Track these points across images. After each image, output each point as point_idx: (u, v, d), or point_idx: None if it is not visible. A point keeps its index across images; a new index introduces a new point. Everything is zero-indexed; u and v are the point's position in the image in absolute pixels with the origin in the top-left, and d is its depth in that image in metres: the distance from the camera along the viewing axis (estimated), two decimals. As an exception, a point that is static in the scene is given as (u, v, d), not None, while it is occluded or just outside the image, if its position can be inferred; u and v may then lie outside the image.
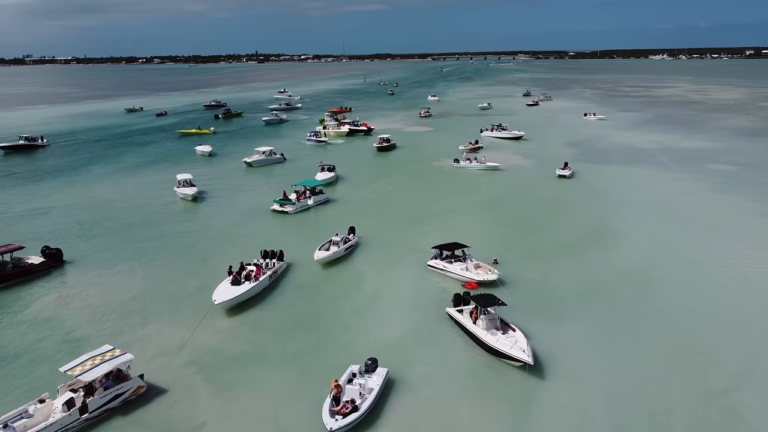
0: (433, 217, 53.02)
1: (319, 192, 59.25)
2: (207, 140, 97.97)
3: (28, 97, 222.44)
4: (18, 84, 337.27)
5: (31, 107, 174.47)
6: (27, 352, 29.96)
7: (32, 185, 67.62)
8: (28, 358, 29.40)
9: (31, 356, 29.53)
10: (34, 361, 28.97)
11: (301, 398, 25.60)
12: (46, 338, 31.50)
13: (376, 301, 35.86)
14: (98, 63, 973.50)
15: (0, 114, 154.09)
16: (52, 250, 42.19)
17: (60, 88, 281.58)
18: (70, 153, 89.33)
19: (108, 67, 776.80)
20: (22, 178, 71.82)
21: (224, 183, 68.50)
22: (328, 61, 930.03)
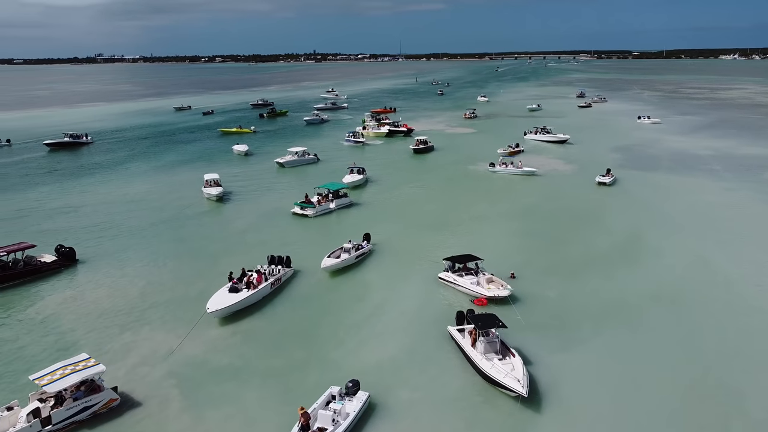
0: (457, 225, 50.70)
1: (342, 195, 57.84)
2: (246, 139, 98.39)
3: (90, 94, 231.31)
4: (84, 82, 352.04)
5: (90, 104, 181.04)
6: (14, 354, 29.74)
7: (69, 182, 69.12)
8: (13, 360, 29.12)
9: (17, 358, 29.25)
10: (18, 364, 28.63)
11: (274, 420, 24.10)
12: (38, 340, 31.26)
13: (377, 314, 34.06)
14: (163, 62, 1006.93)
15: (59, 110, 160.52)
16: (66, 249, 42.37)
17: (121, 86, 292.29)
18: (113, 150, 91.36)
19: (171, 66, 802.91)
20: (62, 174, 73.60)
21: (253, 183, 68.12)
22: (384, 60, 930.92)
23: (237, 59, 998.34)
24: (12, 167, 78.17)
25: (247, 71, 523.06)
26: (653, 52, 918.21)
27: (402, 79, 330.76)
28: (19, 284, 38.64)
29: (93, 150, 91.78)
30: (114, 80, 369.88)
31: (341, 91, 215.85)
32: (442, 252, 42.20)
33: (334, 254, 41.29)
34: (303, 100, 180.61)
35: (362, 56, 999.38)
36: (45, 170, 76.07)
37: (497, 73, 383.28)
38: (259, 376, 27.54)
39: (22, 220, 53.58)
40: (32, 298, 36.74)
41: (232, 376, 27.56)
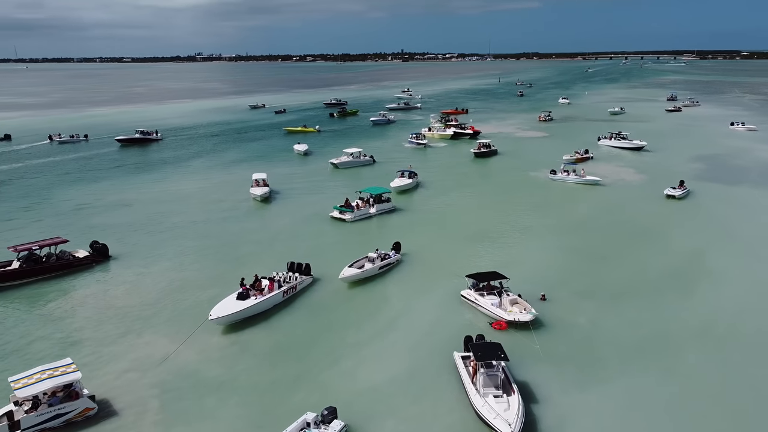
0: (498, 237, 47.59)
1: (385, 200, 55.98)
2: (309, 138, 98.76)
3: (180, 91, 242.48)
4: (179, 79, 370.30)
5: (176, 101, 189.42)
6: (22, 349, 30.09)
7: (129, 177, 71.56)
8: (15, 356, 29.44)
9: (19, 355, 29.53)
10: (18, 361, 28.85)
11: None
12: (47, 336, 31.60)
13: (385, 332, 32.02)
14: (257, 60, 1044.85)
15: (148, 107, 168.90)
16: (99, 245, 43.19)
17: (210, 84, 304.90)
18: (180, 147, 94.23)
19: (264, 64, 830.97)
20: (125, 170, 76.44)
21: (304, 184, 67.63)
22: (472, 60, 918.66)
23: (326, 58, 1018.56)
24: (83, 162, 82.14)
25: (333, 70, 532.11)
26: (765, 52, 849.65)
27: (485, 79, 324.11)
28: (50, 278, 39.64)
29: (161, 146, 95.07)
30: (206, 78, 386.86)
31: (420, 91, 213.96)
32: (473, 266, 39.41)
33: (356, 264, 39.57)
34: (378, 100, 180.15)
35: (450, 56, 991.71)
36: (111, 165, 79.31)
37: (586, 74, 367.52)
38: (241, 393, 26.24)
39: (76, 213, 55.65)
40: (56, 293, 37.49)
41: (215, 391, 26.45)
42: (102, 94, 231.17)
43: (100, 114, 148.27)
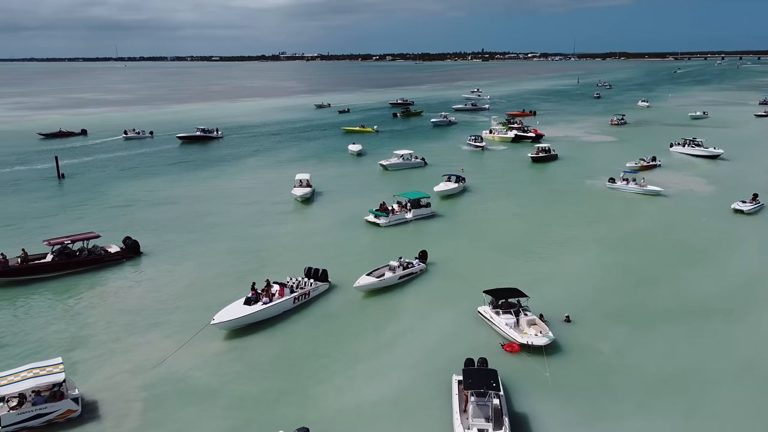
0: (536, 250, 44.76)
1: (425, 205, 54.14)
2: (366, 139, 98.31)
3: (255, 90, 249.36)
4: (258, 78, 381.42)
5: (248, 99, 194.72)
6: (27, 345, 30.72)
7: (182, 175, 73.42)
8: (22, 351, 30.07)
9: (25, 350, 30.15)
10: (22, 356, 29.46)
11: (207, 460, 21.88)
12: (60, 331, 32.19)
13: (390, 347, 30.45)
14: (338, 59, 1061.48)
15: (219, 104, 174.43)
16: (131, 241, 44.06)
17: (285, 83, 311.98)
18: (238, 145, 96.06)
19: (344, 64, 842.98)
20: (181, 167, 78.60)
21: (349, 185, 66.91)
22: (554, 59, 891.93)
23: (406, 58, 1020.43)
24: (144, 158, 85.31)
25: (410, 69, 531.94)
26: None
27: (563, 79, 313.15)
28: (80, 272, 40.72)
29: (221, 144, 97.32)
30: (283, 77, 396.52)
31: (492, 91, 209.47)
32: (501, 280, 37.17)
33: (376, 272, 38.15)
34: (447, 100, 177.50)
35: (532, 55, 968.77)
36: (169, 162, 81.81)
37: (674, 75, 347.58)
38: (224, 404, 25.47)
39: (123, 208, 57.44)
40: (80, 287, 38.37)
41: (200, 399, 25.85)
42: (182, 91, 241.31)
43: (175, 111, 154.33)
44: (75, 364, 28.52)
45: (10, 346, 30.68)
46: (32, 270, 39.55)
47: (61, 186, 68.31)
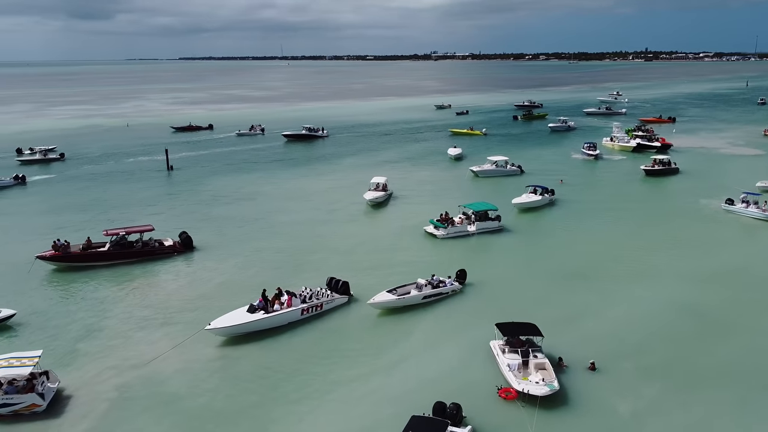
0: (599, 281, 39.33)
1: (493, 218, 50.19)
2: (474, 142, 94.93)
3: (389, 88, 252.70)
4: (399, 77, 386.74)
5: (379, 98, 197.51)
6: (47, 329, 32.54)
7: (275, 172, 75.62)
8: (40, 333, 31.88)
9: (44, 334, 31.91)
10: (39, 338, 31.18)
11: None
12: (79, 320, 33.67)
13: (378, 375, 28.04)
14: (489, 59, 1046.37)
15: (350, 103, 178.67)
16: (185, 235, 45.58)
17: (424, 82, 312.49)
18: (342, 145, 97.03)
19: (494, 63, 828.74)
20: (278, 164, 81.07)
21: (431, 190, 64.43)
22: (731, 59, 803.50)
23: (560, 57, 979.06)
24: (248, 154, 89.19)
25: (561, 69, 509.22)
26: None
27: (730, 82, 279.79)
28: (132, 263, 42.72)
29: (325, 143, 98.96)
30: (425, 76, 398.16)
31: (638, 94, 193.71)
32: (539, 311, 33.36)
33: (400, 289, 35.70)
34: (582, 103, 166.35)
35: (703, 54, 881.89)
36: (268, 159, 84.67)
37: None
38: (184, 415, 24.82)
39: (206, 202, 60.18)
40: (125, 277, 40.18)
41: (166, 405, 25.48)
42: (322, 89, 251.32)
43: (305, 109, 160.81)
44: (74, 355, 29.71)
45: (33, 326, 32.73)
46: (90, 257, 42.26)
47: (166, 178, 73.28)
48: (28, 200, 62.03)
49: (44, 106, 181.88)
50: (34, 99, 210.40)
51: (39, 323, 33.25)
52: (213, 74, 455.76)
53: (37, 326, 32.92)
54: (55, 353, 29.61)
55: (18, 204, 60.43)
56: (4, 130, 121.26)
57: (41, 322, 33.42)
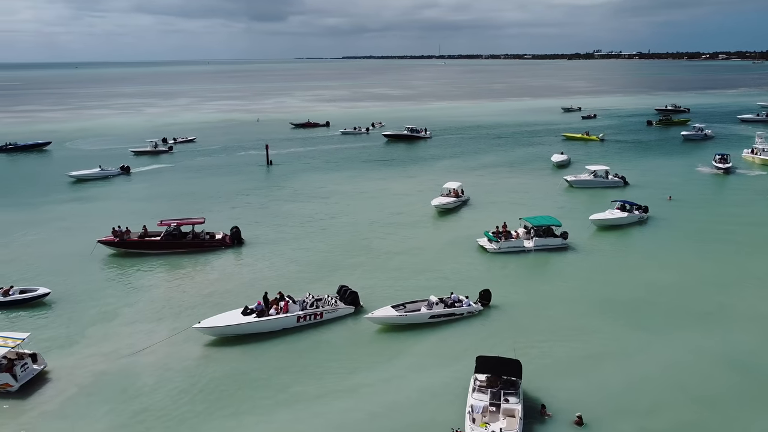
0: (650, 317, 33.67)
1: (558, 235, 45.41)
2: (587, 148, 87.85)
3: (530, 89, 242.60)
4: (547, 77, 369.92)
5: (511, 99, 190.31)
6: (72, 311, 34.82)
7: (363, 172, 75.48)
8: (65, 313, 34.23)
9: (68, 313, 34.22)
10: (62, 316, 33.53)
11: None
12: (104, 305, 35.56)
13: (343, 396, 26.22)
14: (659, 58, 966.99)
15: (481, 104, 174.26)
16: (235, 229, 46.77)
17: (572, 83, 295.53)
18: (444, 146, 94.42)
19: (662, 63, 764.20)
20: (369, 165, 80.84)
21: (512, 198, 60.10)
22: None
23: (744, 56, 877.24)
24: (346, 153, 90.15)
25: (741, 70, 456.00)
26: None
27: None
28: (182, 252, 44.59)
29: (426, 145, 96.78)
30: (578, 76, 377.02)
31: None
32: (561, 344, 29.87)
33: (409, 305, 33.41)
34: (741, 108, 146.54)
35: None
36: (363, 159, 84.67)
37: None
38: (130, 413, 24.86)
39: (282, 199, 61.56)
40: (167, 267, 41.99)
41: (119, 400, 25.80)
42: (460, 89, 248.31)
43: (434, 108, 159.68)
44: (75, 339, 31.39)
45: (59, 307, 35.30)
46: (144, 245, 44.84)
47: (262, 172, 76.27)
48: (126, 188, 67.76)
49: (200, 100, 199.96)
50: (195, 94, 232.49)
51: (66, 304, 35.73)
52: (365, 73, 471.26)
53: (62, 307, 35.41)
54: (58, 335, 31.63)
55: (117, 191, 66.18)
56: (157, 121, 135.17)
57: (69, 303, 35.89)
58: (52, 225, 51.99)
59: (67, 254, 44.42)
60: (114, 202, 60.79)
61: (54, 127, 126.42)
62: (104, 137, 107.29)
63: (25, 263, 42.83)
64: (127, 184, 69.60)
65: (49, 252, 45.16)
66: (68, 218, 53.76)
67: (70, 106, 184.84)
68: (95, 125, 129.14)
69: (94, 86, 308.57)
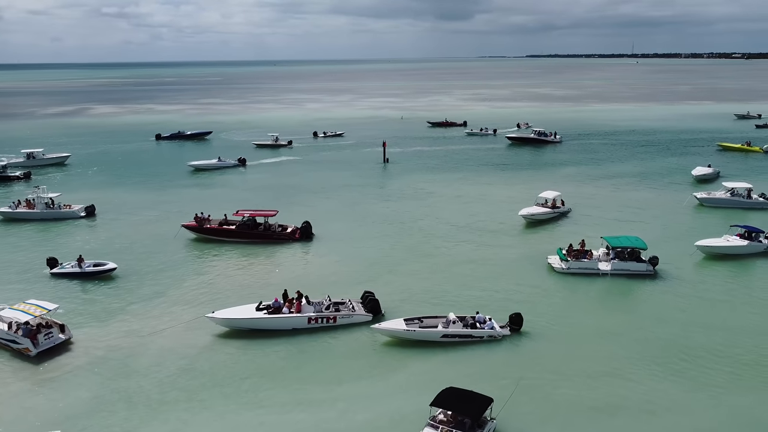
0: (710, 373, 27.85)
1: (644, 260, 39.43)
2: (746, 161, 75.70)
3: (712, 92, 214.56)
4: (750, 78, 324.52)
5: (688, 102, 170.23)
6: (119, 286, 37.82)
7: (472, 174, 72.65)
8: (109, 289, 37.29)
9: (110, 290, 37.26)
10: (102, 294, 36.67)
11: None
12: (155, 284, 38.19)
13: (302, 409, 25.18)
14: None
15: (643, 106, 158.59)
16: (305, 224, 47.58)
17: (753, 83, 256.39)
18: (572, 152, 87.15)
19: None
20: (483, 168, 77.28)
21: (621, 215, 53.50)
22: None
23: None
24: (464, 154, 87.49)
25: None
26: None
27: None
28: (256, 243, 46.20)
29: (555, 149, 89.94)
30: None
31: None
32: (565, 388, 25.84)
33: (427, 321, 31.24)
34: None
35: None
36: (478, 162, 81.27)
37: None
38: (119, 396, 26.03)
39: (375, 197, 61.47)
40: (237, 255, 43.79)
41: (114, 379, 27.23)
42: (634, 91, 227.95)
43: (586, 110, 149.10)
44: (111, 314, 33.91)
45: (119, 281, 38.62)
46: (220, 233, 47.37)
47: (375, 169, 76.88)
48: (237, 179, 72.06)
49: (361, 97, 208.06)
50: (359, 91, 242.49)
51: (126, 280, 38.95)
52: (541, 72, 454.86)
53: (120, 282, 38.69)
54: (98, 309, 34.57)
55: (227, 181, 70.69)
56: (313, 115, 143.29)
57: (129, 279, 39.07)
58: (158, 208, 57.14)
59: (156, 234, 48.50)
60: (219, 191, 65.28)
61: (221, 118, 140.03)
62: (257, 129, 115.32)
63: (120, 239, 47.74)
64: (239, 176, 74.29)
65: (144, 231, 49.72)
66: (174, 203, 58.58)
67: (246, 100, 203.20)
68: (255, 118, 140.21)
69: (277, 82, 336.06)
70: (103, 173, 75.61)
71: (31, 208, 53.94)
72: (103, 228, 51.55)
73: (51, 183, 66.79)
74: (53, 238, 48.97)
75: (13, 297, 34.53)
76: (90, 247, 45.33)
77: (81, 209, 54.45)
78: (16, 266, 41.79)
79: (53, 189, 58.76)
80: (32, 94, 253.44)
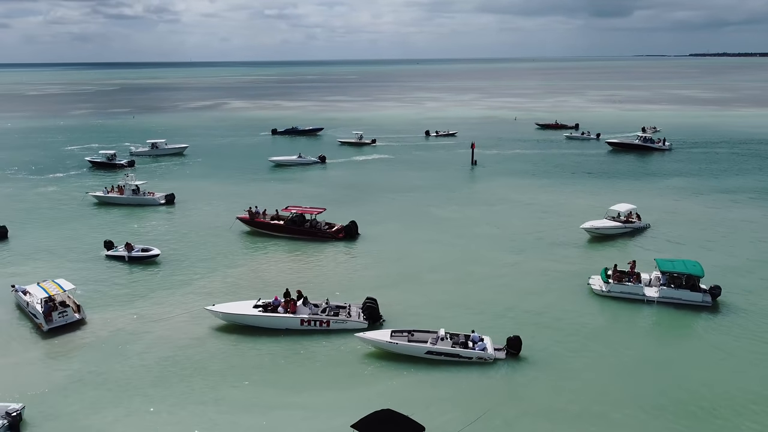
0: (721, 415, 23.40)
1: (706, 289, 34.22)
2: None
3: None
4: None
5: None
6: (154, 272, 39.97)
7: (556, 181, 67.82)
8: (143, 273, 39.53)
9: (144, 275, 39.45)
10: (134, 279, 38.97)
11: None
12: (189, 273, 39.99)
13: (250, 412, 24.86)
14: None
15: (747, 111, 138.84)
16: (351, 223, 47.37)
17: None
18: (680, 162, 78.07)
19: None
20: (570, 175, 71.82)
21: (699, 236, 46.95)
22: None
23: None
24: (559, 158, 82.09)
25: None
26: None
27: None
28: (302, 239, 46.75)
29: (658, 158, 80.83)
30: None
31: None
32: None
33: (417, 334, 29.57)
34: None
35: None
36: (570, 168, 75.33)
37: None
38: (100, 379, 27.22)
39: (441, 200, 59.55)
40: (281, 250, 44.65)
41: (101, 363, 28.56)
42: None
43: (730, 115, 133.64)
44: (131, 298, 35.86)
45: (158, 267, 40.95)
46: (269, 227, 48.50)
47: (461, 171, 74.63)
48: (315, 176, 73.05)
49: (485, 96, 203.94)
50: (486, 90, 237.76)
51: (165, 267, 41.21)
52: (699, 72, 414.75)
53: (159, 268, 40.97)
54: (124, 292, 36.71)
55: (305, 177, 71.96)
56: (428, 114, 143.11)
57: (168, 266, 41.31)
58: (232, 199, 59.51)
59: (216, 225, 50.83)
60: (294, 186, 66.85)
61: (337, 115, 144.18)
62: (366, 127, 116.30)
63: (184, 226, 51.00)
64: (317, 172, 75.39)
65: (207, 221, 52.39)
66: (248, 195, 60.51)
67: (369, 98, 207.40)
68: (369, 116, 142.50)
69: (409, 80, 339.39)
70: (205, 164, 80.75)
71: (121, 194, 59.03)
72: (176, 215, 55.08)
73: (160, 171, 72.90)
74: (130, 222, 53.06)
75: (62, 274, 37.47)
76: (155, 234, 48.65)
77: (161, 197, 58.56)
78: (83, 246, 45.81)
79: (154, 177, 63.90)
80: (186, 90, 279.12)
